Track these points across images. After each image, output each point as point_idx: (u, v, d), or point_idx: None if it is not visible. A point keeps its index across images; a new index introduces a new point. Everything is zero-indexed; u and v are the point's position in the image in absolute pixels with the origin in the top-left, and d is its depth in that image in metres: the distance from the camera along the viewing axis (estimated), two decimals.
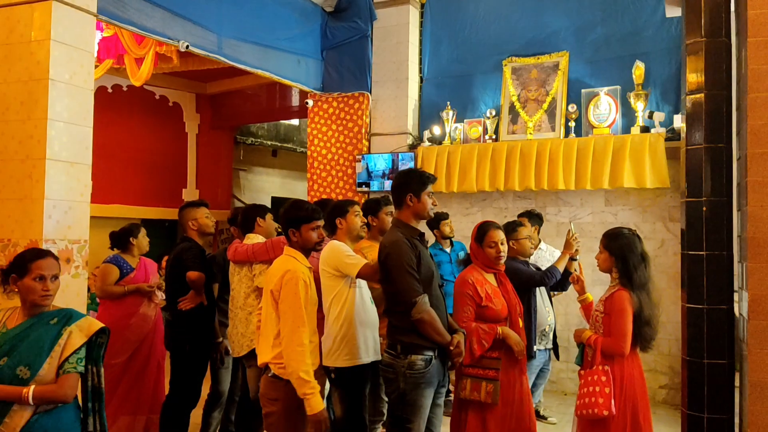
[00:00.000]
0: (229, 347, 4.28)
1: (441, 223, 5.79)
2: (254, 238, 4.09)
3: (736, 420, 3.13)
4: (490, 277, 3.52)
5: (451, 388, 5.42)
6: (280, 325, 2.96)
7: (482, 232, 3.53)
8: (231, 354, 4.27)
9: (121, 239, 4.93)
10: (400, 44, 7.26)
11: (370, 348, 3.58)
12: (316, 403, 2.87)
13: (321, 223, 3.19)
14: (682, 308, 3.09)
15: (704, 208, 2.96)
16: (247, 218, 4.22)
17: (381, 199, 4.04)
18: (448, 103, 6.93)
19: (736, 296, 3.21)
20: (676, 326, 5.62)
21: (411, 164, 6.88)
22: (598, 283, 5.93)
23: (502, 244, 3.50)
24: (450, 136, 6.90)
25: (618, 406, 3.04)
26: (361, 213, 3.85)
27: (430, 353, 3.06)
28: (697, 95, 3.00)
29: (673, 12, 3.30)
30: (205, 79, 9.44)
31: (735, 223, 3.07)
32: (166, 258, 4.58)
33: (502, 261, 3.52)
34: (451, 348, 3.09)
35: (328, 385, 3.65)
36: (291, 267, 3.00)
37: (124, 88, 8.75)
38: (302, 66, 7.16)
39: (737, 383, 3.23)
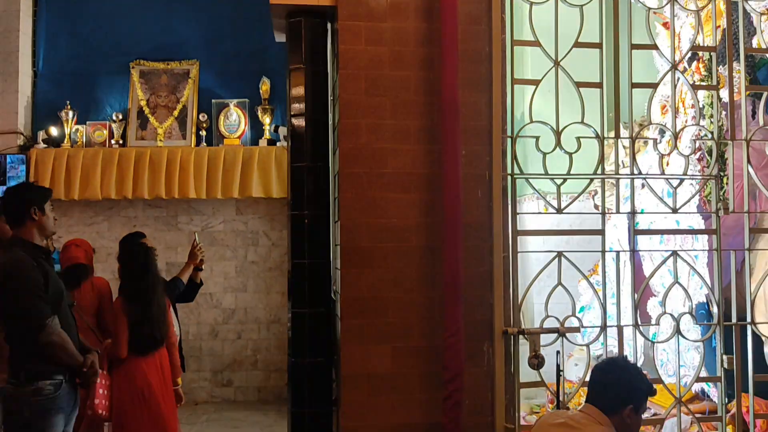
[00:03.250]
0: None
1: None
2: None
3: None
4: None
5: None
6: None
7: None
8: None
9: None
10: (9, 33, 6.36)
11: None
12: None
13: None
14: (289, 313, 3.33)
15: (306, 221, 3.24)
16: None
17: None
18: (68, 102, 6.35)
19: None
20: None
21: (22, 167, 6.10)
22: (229, 290, 6.09)
23: None
24: (71, 138, 6.33)
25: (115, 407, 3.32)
26: None
27: (60, 377, 2.86)
28: (300, 118, 3.28)
29: (281, 38, 3.56)
30: None
31: (332, 234, 3.44)
32: None
33: None
34: (85, 369, 2.93)
35: None
36: None
37: None
38: None
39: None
